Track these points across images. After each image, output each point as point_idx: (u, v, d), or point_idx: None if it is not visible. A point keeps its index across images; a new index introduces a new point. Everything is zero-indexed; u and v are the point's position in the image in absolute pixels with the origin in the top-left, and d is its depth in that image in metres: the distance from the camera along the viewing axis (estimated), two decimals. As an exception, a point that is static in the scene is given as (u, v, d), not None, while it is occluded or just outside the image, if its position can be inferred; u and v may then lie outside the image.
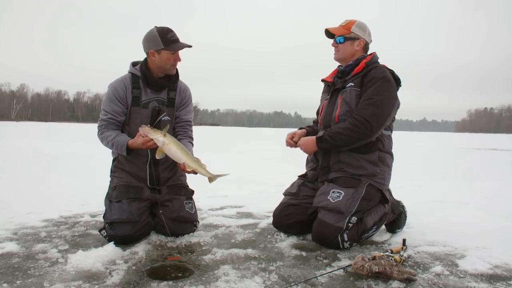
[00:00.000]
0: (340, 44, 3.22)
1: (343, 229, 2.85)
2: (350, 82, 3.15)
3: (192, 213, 3.10)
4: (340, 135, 2.98)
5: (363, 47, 3.23)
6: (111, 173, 3.16)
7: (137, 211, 2.89)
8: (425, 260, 2.67)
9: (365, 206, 2.98)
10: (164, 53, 2.99)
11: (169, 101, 3.18)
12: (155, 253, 2.69)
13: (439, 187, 6.08)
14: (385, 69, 3.12)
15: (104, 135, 2.97)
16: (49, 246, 2.77)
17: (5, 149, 11.36)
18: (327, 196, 2.98)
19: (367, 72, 3.09)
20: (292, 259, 2.64)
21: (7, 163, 8.12)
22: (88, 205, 4.09)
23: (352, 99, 3.08)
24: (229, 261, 2.56)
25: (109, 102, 3.04)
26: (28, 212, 3.71)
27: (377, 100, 2.97)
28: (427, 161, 11.55)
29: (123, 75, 3.15)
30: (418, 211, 4.11)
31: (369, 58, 3.19)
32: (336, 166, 3.10)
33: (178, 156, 2.72)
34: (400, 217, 3.33)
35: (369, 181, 3.03)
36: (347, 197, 2.92)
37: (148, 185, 3.08)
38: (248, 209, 4.18)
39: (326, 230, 2.88)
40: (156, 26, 3.06)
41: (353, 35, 3.19)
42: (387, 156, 3.13)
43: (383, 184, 3.10)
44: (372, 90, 3.00)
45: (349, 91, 3.11)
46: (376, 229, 3.10)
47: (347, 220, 2.87)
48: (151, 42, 3.01)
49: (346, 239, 2.86)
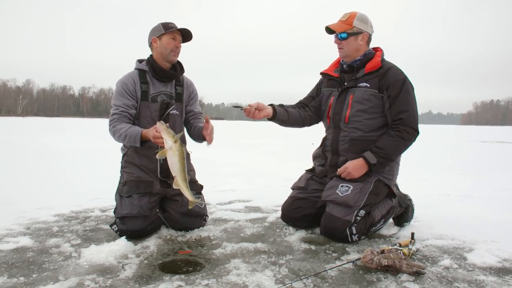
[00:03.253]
0: (344, 41, 3.14)
1: (351, 222, 2.87)
2: (363, 81, 3.11)
3: (201, 207, 3.13)
4: (395, 152, 3.04)
5: (367, 40, 3.18)
6: (121, 169, 3.19)
7: (147, 205, 2.93)
8: (433, 254, 2.69)
9: (373, 200, 3.00)
10: (165, 37, 3.10)
11: (177, 96, 3.23)
12: (166, 247, 2.73)
13: (445, 181, 6.09)
14: (397, 67, 3.13)
15: (117, 128, 2.98)
16: (62, 241, 2.81)
17: (12, 145, 11.44)
18: (335, 190, 3.00)
19: (385, 72, 3.07)
20: (302, 253, 2.67)
21: (15, 158, 8.19)
22: (98, 200, 4.13)
23: (366, 100, 3.07)
24: (239, 255, 2.59)
25: (119, 96, 3.08)
26: (39, 207, 3.76)
27: (414, 105, 3.06)
28: (433, 154, 11.51)
29: (130, 71, 3.20)
30: (424, 205, 4.12)
31: (380, 56, 3.16)
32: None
33: (175, 168, 2.63)
34: (407, 210, 3.35)
35: (378, 176, 3.06)
36: (356, 191, 2.95)
37: (159, 176, 3.12)
38: (256, 203, 4.21)
39: (335, 223, 2.91)
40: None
41: (356, 29, 3.12)
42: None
43: (391, 180, 3.14)
44: (405, 95, 3.03)
45: (363, 91, 3.09)
46: (384, 222, 3.13)
47: (355, 214, 2.89)
48: (153, 31, 3.16)
49: (355, 232, 2.88)
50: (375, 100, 3.07)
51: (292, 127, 3.42)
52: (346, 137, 3.14)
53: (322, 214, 3.05)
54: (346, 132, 3.15)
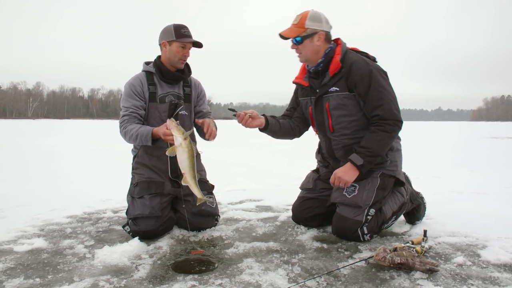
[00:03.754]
0: (300, 45, 3.00)
1: (362, 222, 2.87)
2: (332, 86, 2.99)
3: (213, 207, 3.15)
4: (380, 148, 2.91)
5: (324, 39, 3.00)
6: (132, 170, 3.22)
7: (159, 206, 2.94)
8: (446, 251, 2.67)
9: (381, 195, 2.98)
10: (175, 45, 3.09)
11: (186, 96, 3.25)
12: (179, 248, 2.75)
13: (457, 177, 6.04)
14: (363, 59, 2.96)
15: (128, 128, 2.99)
16: (76, 242, 2.84)
17: (23, 147, 11.55)
18: (343, 191, 2.99)
19: (349, 71, 2.93)
20: (314, 252, 2.67)
21: (26, 161, 8.29)
22: (110, 201, 4.16)
23: (341, 105, 2.98)
24: (252, 254, 2.60)
25: (128, 98, 3.09)
26: (52, 209, 3.80)
27: (389, 95, 2.90)
28: (443, 151, 11.45)
29: (137, 73, 3.22)
30: (436, 202, 4.10)
31: (340, 52, 2.98)
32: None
33: (184, 165, 2.64)
34: (419, 208, 3.33)
35: (381, 170, 3.01)
36: (362, 190, 2.93)
37: (170, 176, 3.13)
38: (266, 202, 4.21)
39: (346, 224, 2.90)
40: (175, 23, 3.17)
41: (309, 31, 2.95)
42: (394, 142, 3.07)
43: (395, 170, 3.07)
44: (376, 88, 2.88)
45: (336, 96, 2.99)
46: (395, 219, 3.11)
47: (365, 213, 2.88)
48: (165, 34, 3.14)
49: (366, 231, 2.88)
50: (350, 101, 2.97)
51: (283, 138, 3.38)
52: (338, 144, 3.10)
53: (333, 212, 3.04)
54: (336, 141, 3.10)
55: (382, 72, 2.96)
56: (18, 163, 7.83)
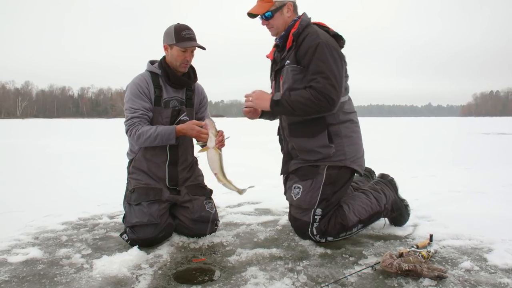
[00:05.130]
0: (270, 20, 2.91)
1: (309, 222, 2.84)
2: (287, 59, 2.88)
3: (212, 212, 3.08)
4: (300, 105, 2.72)
5: (293, 9, 2.93)
6: (129, 175, 3.13)
7: (157, 213, 2.86)
8: (452, 255, 2.63)
9: (330, 191, 2.85)
10: (175, 49, 2.99)
11: (187, 101, 3.16)
12: (179, 256, 2.67)
13: (453, 176, 6.01)
14: (317, 32, 2.79)
15: (142, 130, 2.89)
16: (72, 251, 2.75)
17: (13, 149, 11.37)
18: (290, 192, 2.95)
19: (300, 44, 2.79)
20: (318, 258, 2.61)
21: (16, 163, 8.11)
22: (105, 206, 4.07)
23: (290, 79, 2.83)
24: (255, 262, 2.53)
25: (135, 98, 2.98)
26: (46, 215, 3.70)
27: (327, 70, 2.69)
28: (437, 148, 11.45)
29: (141, 73, 3.13)
30: (435, 202, 4.08)
31: (297, 26, 2.86)
32: (294, 153, 2.98)
33: (216, 165, 2.82)
34: (401, 216, 3.22)
35: (327, 163, 2.86)
36: (306, 192, 2.86)
37: (167, 185, 3.05)
38: (265, 205, 4.15)
39: (297, 223, 2.95)
40: (179, 22, 3.06)
41: (277, 4, 2.88)
42: (342, 127, 2.88)
43: (344, 160, 2.86)
44: (316, 61, 2.71)
45: (287, 70, 2.86)
46: (362, 227, 2.98)
47: (312, 213, 2.84)
48: (166, 36, 3.04)
49: (316, 232, 2.83)
50: (297, 75, 2.81)
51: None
52: (285, 121, 3.01)
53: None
54: (283, 117, 3.02)
55: (331, 47, 2.74)
56: (6, 166, 7.64)
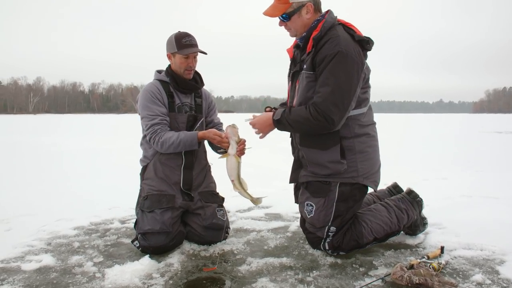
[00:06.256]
0: (288, 22, 2.75)
1: (323, 238, 2.81)
2: (305, 63, 2.73)
3: (224, 220, 3.09)
4: (300, 125, 2.65)
5: (314, 9, 2.72)
6: (142, 181, 3.15)
7: (170, 221, 2.88)
8: (463, 267, 2.61)
9: (344, 207, 2.77)
10: (178, 56, 3.04)
11: (197, 107, 3.19)
12: (190, 264, 2.68)
13: (465, 179, 5.96)
14: (339, 38, 2.59)
15: (165, 137, 2.92)
16: (84, 259, 2.78)
17: (24, 146, 11.46)
18: (303, 208, 2.89)
19: (319, 50, 2.62)
20: (328, 268, 2.61)
21: (25, 163, 8.15)
22: (116, 209, 4.10)
23: (305, 86, 2.69)
24: (265, 272, 2.54)
25: (151, 105, 3.01)
26: (58, 219, 3.74)
27: (334, 86, 2.53)
28: (448, 148, 11.35)
29: (150, 82, 3.16)
30: (447, 208, 4.05)
31: (319, 29, 2.66)
32: (304, 161, 2.88)
33: (233, 173, 2.85)
34: (417, 230, 3.18)
35: (338, 180, 2.75)
36: (319, 210, 2.79)
37: (181, 188, 3.07)
38: (275, 209, 4.15)
39: (310, 236, 2.92)
40: (179, 30, 3.10)
41: (295, 5, 2.68)
42: (356, 142, 2.74)
43: (356, 177, 2.75)
44: (326, 73, 2.55)
45: (302, 75, 2.72)
46: (375, 243, 2.95)
47: (326, 230, 2.80)
48: (168, 45, 3.09)
49: (327, 247, 2.80)
50: (312, 82, 2.67)
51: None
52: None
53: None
54: None
55: (350, 57, 2.56)
56: (17, 166, 7.68)
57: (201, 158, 3.23)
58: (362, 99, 2.76)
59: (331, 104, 2.55)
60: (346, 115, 2.64)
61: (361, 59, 2.64)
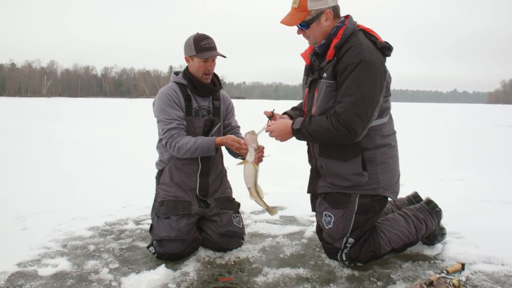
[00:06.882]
0: (306, 30, 2.66)
1: (340, 249, 2.77)
2: (325, 71, 2.65)
3: (240, 227, 3.07)
4: (320, 135, 2.58)
5: (333, 16, 2.64)
6: (158, 185, 3.13)
7: (186, 228, 2.86)
8: (484, 284, 2.55)
9: (363, 219, 2.73)
10: (196, 60, 2.99)
11: (215, 110, 3.16)
12: (206, 273, 2.66)
13: (482, 180, 5.86)
14: (362, 45, 2.52)
15: (182, 142, 2.90)
16: (100, 264, 2.78)
17: (35, 135, 11.48)
18: (321, 218, 2.84)
19: (341, 57, 2.54)
20: (345, 281, 2.58)
21: (38, 154, 8.16)
22: (131, 208, 4.10)
23: (326, 96, 2.62)
24: (282, 284, 2.51)
25: (168, 109, 2.98)
26: (72, 217, 3.74)
27: (357, 96, 2.46)
28: (463, 143, 11.19)
29: (168, 84, 3.13)
30: (465, 214, 3.97)
31: (340, 36, 2.58)
32: (322, 171, 2.82)
33: (250, 180, 2.79)
34: (435, 240, 3.12)
35: (359, 192, 2.70)
36: (338, 222, 2.74)
37: (197, 194, 3.05)
38: (290, 211, 4.11)
39: (327, 247, 2.87)
40: (198, 32, 3.05)
41: (314, 13, 2.58)
42: (378, 153, 2.69)
43: (377, 188, 2.70)
44: (349, 82, 2.48)
45: (323, 84, 2.64)
46: (393, 253, 2.90)
47: (344, 241, 2.76)
48: (186, 48, 3.04)
49: (344, 258, 2.76)
50: (332, 92, 2.60)
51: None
52: None
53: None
54: None
55: (374, 66, 2.49)
56: (28, 156, 7.71)
57: (218, 163, 3.19)
58: (384, 108, 2.69)
59: (354, 115, 2.48)
60: (368, 125, 2.57)
61: (383, 68, 2.58)
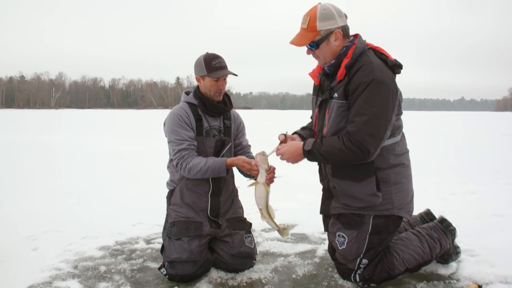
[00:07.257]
0: (316, 50, 2.66)
1: (354, 270, 2.74)
2: (335, 91, 2.63)
3: (252, 247, 3.04)
4: (332, 155, 2.55)
5: (342, 36, 2.63)
6: (169, 206, 3.12)
7: (197, 249, 2.84)
8: (502, 306, 2.51)
9: (377, 239, 2.69)
10: (208, 79, 2.99)
11: (226, 129, 3.15)
12: (218, 296, 2.64)
13: (496, 194, 5.76)
14: (373, 64, 2.51)
15: (193, 163, 2.89)
16: (111, 286, 2.75)
17: (43, 148, 11.54)
18: (334, 238, 2.80)
19: (352, 77, 2.54)
20: (360, 304, 2.54)
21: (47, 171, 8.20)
22: (141, 226, 4.08)
23: (337, 116, 2.60)
24: (295, 308, 2.48)
25: (178, 129, 2.98)
26: (83, 236, 3.73)
27: (369, 115, 2.45)
28: (473, 153, 11.08)
29: (178, 104, 3.13)
30: (479, 230, 3.90)
31: (350, 56, 2.58)
32: (335, 192, 2.79)
33: (261, 201, 2.79)
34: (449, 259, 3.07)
35: (372, 213, 2.67)
36: (352, 243, 2.70)
37: (208, 215, 3.03)
38: (301, 229, 4.08)
39: (341, 267, 2.84)
40: (208, 52, 3.06)
41: (323, 33, 2.59)
42: (391, 173, 2.66)
43: (391, 209, 2.67)
44: (361, 102, 2.47)
45: (334, 104, 2.62)
46: (407, 273, 2.85)
47: (357, 262, 2.72)
48: (197, 68, 3.05)
49: (358, 279, 2.73)
50: (344, 112, 2.58)
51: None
52: None
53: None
54: None
55: (385, 84, 2.48)
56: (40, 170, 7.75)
57: (229, 183, 3.18)
58: (396, 127, 2.67)
59: (367, 134, 2.46)
60: (381, 144, 2.54)
61: (395, 86, 2.57)
